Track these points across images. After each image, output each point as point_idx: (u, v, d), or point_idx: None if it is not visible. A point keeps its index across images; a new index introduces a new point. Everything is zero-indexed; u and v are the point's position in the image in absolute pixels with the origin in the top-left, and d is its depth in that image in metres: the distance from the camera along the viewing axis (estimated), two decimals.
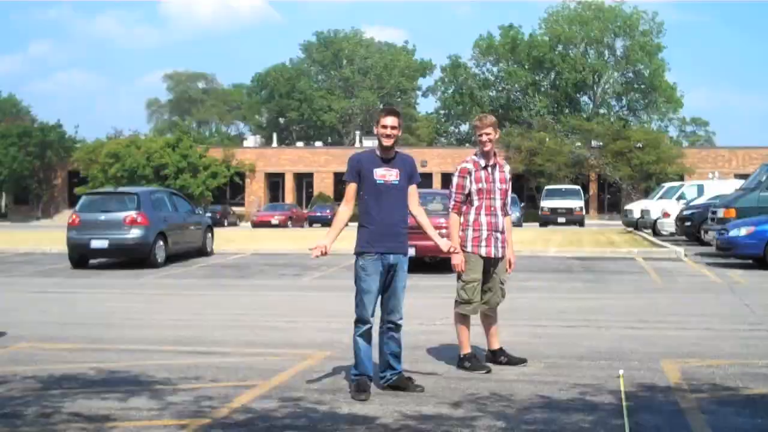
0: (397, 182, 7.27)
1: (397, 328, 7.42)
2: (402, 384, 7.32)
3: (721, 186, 33.01)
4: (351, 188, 7.38)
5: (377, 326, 7.40)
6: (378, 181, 7.22)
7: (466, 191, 8.12)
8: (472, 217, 8.14)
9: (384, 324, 7.40)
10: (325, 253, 7.25)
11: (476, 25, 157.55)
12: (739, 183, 30.05)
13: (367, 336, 7.27)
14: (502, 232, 8.26)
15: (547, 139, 65.03)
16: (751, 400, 6.93)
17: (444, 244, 7.54)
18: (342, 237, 7.55)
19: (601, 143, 64.99)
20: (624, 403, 6.58)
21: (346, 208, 7.43)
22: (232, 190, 68.95)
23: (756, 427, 6.12)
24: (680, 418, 6.39)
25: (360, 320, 7.26)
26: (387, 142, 7.25)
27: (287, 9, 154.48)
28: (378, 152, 7.34)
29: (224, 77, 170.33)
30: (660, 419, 6.35)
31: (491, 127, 8.14)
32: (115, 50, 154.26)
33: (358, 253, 7.29)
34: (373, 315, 7.26)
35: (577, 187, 53.82)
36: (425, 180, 64.01)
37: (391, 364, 7.39)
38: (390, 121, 7.26)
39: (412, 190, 7.44)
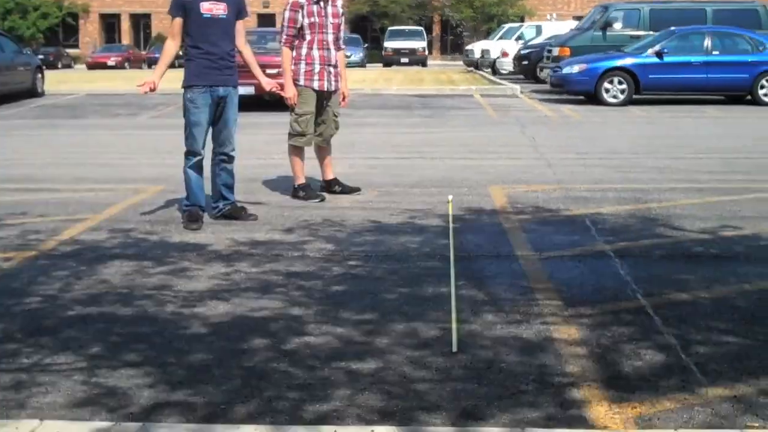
0: (224, 16, 7.13)
1: (230, 159, 7.38)
2: (235, 213, 7.35)
3: (558, 27, 33.62)
4: (177, 23, 7.18)
5: (210, 160, 7.36)
6: (204, 15, 7.06)
7: (298, 25, 8.01)
8: (304, 51, 8.07)
9: (216, 156, 7.35)
10: (154, 89, 7.12)
11: None
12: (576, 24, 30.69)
13: (197, 167, 7.23)
14: (335, 66, 8.23)
15: None
16: (570, 220, 7.29)
17: (266, 83, 7.51)
18: (180, 77, 7.35)
19: None
20: (450, 225, 6.83)
21: (172, 44, 7.29)
22: (65, 32, 65.70)
23: (572, 243, 6.46)
24: (503, 236, 6.68)
25: (190, 152, 7.20)
26: None
27: None
28: None
29: None
30: (483, 238, 6.62)
31: None
32: None
33: (187, 87, 7.17)
34: (203, 147, 7.21)
35: (420, 28, 53.83)
36: (267, 20, 62.59)
37: (223, 194, 7.38)
38: None
39: (240, 26, 7.33)
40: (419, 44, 49.31)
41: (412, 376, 3.92)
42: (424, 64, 48.06)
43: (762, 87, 19.44)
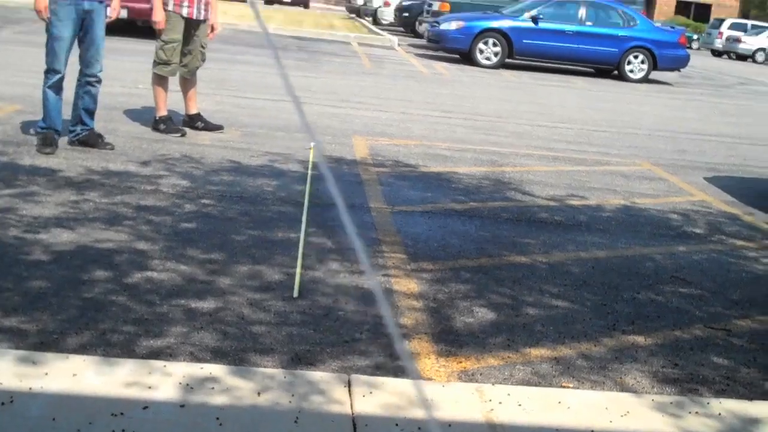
0: None
1: (97, 82, 7.18)
2: (92, 141, 7.20)
3: None
4: None
5: (72, 82, 7.14)
6: None
7: None
8: None
9: (83, 77, 7.11)
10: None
11: None
12: None
13: (57, 87, 6.97)
14: None
15: None
16: (426, 177, 7.45)
17: (113, 9, 7.18)
18: None
19: None
20: (309, 172, 6.87)
21: None
22: None
23: (423, 199, 6.61)
24: (359, 187, 6.78)
25: (51, 69, 6.92)
26: None
27: None
28: None
29: None
30: (340, 188, 6.65)
31: None
32: None
33: (39, 8, 6.80)
34: (65, 65, 6.96)
35: None
36: None
37: (83, 119, 7.20)
38: None
39: None
40: None
41: (250, 318, 3.98)
42: (306, 5, 47.62)
43: (629, 62, 20.05)
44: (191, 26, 8.03)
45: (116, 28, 18.10)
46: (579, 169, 8.46)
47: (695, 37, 50.88)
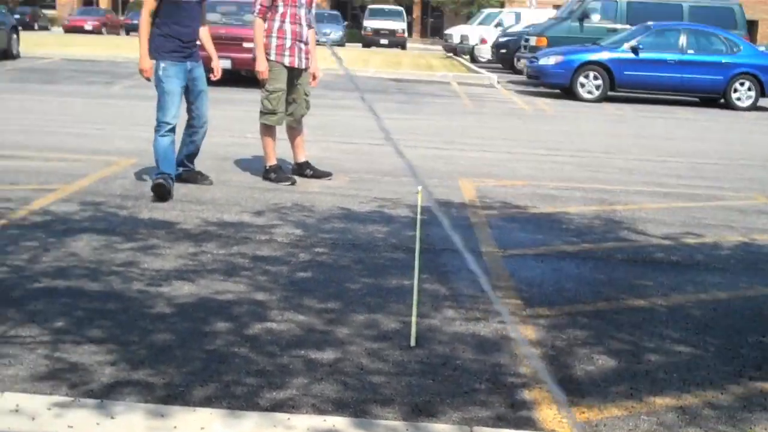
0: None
1: (203, 131, 7.76)
2: (191, 178, 7.82)
3: (537, 14, 33.67)
4: (152, 1, 7.43)
5: (180, 131, 7.59)
6: None
7: None
8: (276, 24, 8.08)
9: (189, 128, 7.75)
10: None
11: None
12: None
13: (169, 138, 7.38)
14: (307, 43, 8.25)
15: None
16: (536, 218, 7.41)
17: (216, 68, 7.89)
18: None
19: None
20: (418, 217, 6.91)
21: (148, 20, 7.48)
22: None
23: (535, 241, 6.57)
24: (469, 231, 6.77)
25: (163, 122, 7.36)
26: None
27: None
28: None
29: None
30: (450, 232, 6.71)
31: None
32: None
33: (159, 58, 7.34)
34: (175, 117, 7.37)
35: (400, 8, 53.67)
36: None
37: (185, 162, 7.81)
38: None
39: (203, 8, 7.68)
40: (399, 25, 49.11)
41: (369, 368, 4.01)
42: (403, 46, 47.95)
43: (735, 90, 19.61)
44: (294, 75, 8.20)
45: (221, 79, 18.62)
46: (692, 205, 8.29)
47: None
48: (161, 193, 7.13)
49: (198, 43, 7.65)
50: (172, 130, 7.38)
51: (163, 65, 7.34)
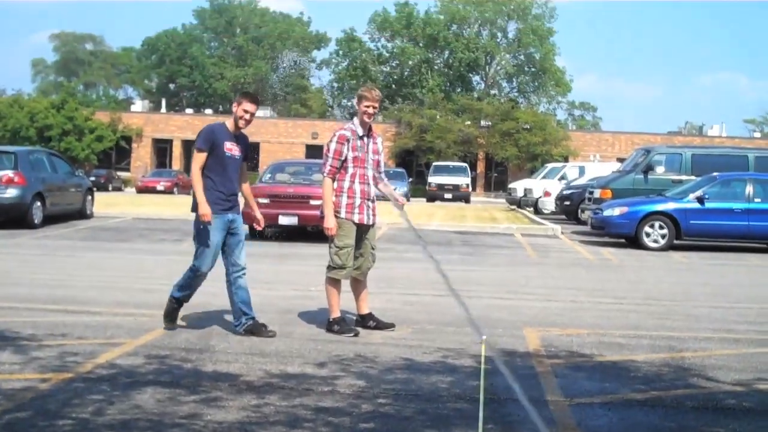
0: (239, 156, 8.16)
1: (244, 274, 8.20)
2: (256, 330, 8.04)
3: (601, 168, 33.91)
4: (203, 156, 8.00)
5: (224, 282, 8.24)
6: (227, 154, 8.02)
7: (343, 158, 8.27)
8: (346, 184, 8.30)
9: (232, 275, 8.16)
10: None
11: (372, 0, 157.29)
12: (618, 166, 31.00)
13: (198, 283, 8.24)
14: (374, 201, 8.47)
15: (438, 117, 65.69)
16: (603, 366, 7.28)
17: (259, 220, 8.76)
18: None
19: (490, 123, 66.06)
20: (482, 367, 6.81)
21: (199, 172, 8.01)
22: (118, 154, 67.66)
23: (603, 390, 6.44)
24: (534, 380, 6.67)
25: (199, 272, 8.11)
26: (242, 125, 8.11)
27: None
28: (229, 127, 8.12)
29: (113, 40, 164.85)
30: (515, 381, 6.59)
31: (378, 101, 8.42)
32: None
33: (204, 213, 7.84)
34: (210, 268, 8.12)
35: (465, 164, 54.61)
36: (316, 151, 63.81)
37: (244, 311, 8.10)
38: (251, 108, 8.08)
39: (244, 165, 8.38)
40: (463, 180, 49.88)
41: None
42: (467, 200, 48.52)
43: None
44: (362, 230, 8.35)
45: (287, 234, 18.99)
46: (764, 350, 8.08)
47: None
48: (171, 317, 8.21)
49: (238, 196, 8.29)
50: (203, 278, 8.16)
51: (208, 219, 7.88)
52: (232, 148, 8.06)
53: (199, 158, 7.99)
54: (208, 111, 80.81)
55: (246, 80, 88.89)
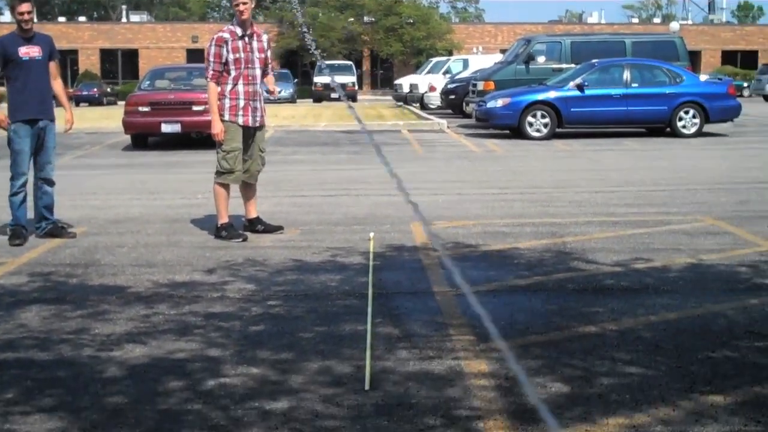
0: (40, 57, 8.23)
1: (49, 183, 8.40)
2: (56, 232, 8.35)
3: (484, 60, 34.13)
4: None
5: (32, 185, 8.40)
6: (24, 58, 8.14)
7: (223, 60, 8.12)
8: (229, 86, 8.18)
9: (38, 181, 8.38)
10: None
11: None
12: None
13: (23, 191, 8.27)
14: (261, 101, 8.36)
15: (320, 14, 64.79)
16: (487, 255, 7.46)
17: (67, 120, 8.67)
18: (109, 115, 7.51)
19: (373, 19, 65.51)
20: (371, 263, 6.94)
21: None
22: None
23: (487, 278, 6.61)
24: (421, 273, 6.81)
25: (15, 176, 8.22)
26: (26, 27, 8.14)
27: None
28: (19, 34, 8.20)
29: None
30: (402, 275, 6.75)
31: None
32: None
33: (12, 122, 8.13)
34: (27, 171, 8.25)
35: (350, 62, 54.31)
36: (197, 55, 62.41)
37: (45, 215, 8.38)
38: (25, 7, 8.06)
39: (53, 65, 8.45)
40: (349, 79, 49.65)
41: (323, 414, 4.00)
42: (354, 99, 48.34)
43: (680, 119, 19.96)
44: (248, 133, 8.27)
45: (170, 142, 18.67)
46: (641, 231, 8.40)
47: (745, 84, 50.56)
48: (15, 237, 8.11)
49: (51, 101, 8.42)
50: (25, 182, 8.27)
51: (14, 128, 8.13)
52: (28, 51, 8.14)
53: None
54: (82, 18, 77.76)
55: None
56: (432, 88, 33.27)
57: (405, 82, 38.74)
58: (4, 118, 8.18)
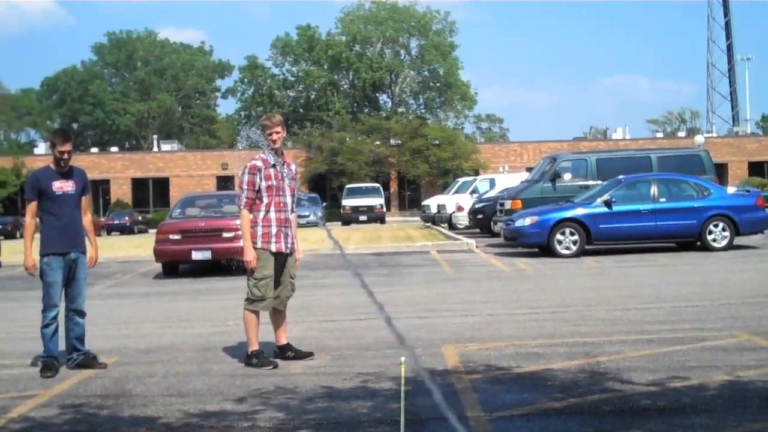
0: (73, 191, 8.45)
1: (80, 314, 8.54)
2: (87, 363, 8.39)
3: (511, 179, 34.36)
4: (33, 204, 8.44)
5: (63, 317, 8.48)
6: (57, 192, 8.36)
7: (257, 188, 8.25)
8: (261, 214, 8.28)
9: (69, 312, 8.49)
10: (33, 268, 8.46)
11: (273, 25, 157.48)
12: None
13: (54, 323, 8.35)
14: (291, 228, 8.44)
15: (348, 139, 65.90)
16: (521, 377, 7.36)
17: (90, 258, 8.75)
18: (140, 244, 7.59)
19: (399, 141, 66.52)
20: (402, 388, 6.83)
21: (32, 221, 8.57)
22: (23, 200, 66.05)
23: (522, 401, 6.51)
24: (454, 397, 6.72)
25: (47, 307, 8.33)
26: (64, 165, 8.41)
27: (77, 9, 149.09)
28: (54, 168, 8.43)
29: (11, 82, 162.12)
30: (435, 400, 6.65)
31: (280, 126, 8.39)
32: None
33: (44, 254, 8.33)
34: (58, 305, 8.36)
35: (377, 185, 54.85)
36: (226, 182, 63.47)
37: (76, 346, 8.47)
38: (65, 147, 8.36)
39: (85, 200, 8.65)
40: (377, 201, 50.08)
41: None
42: (382, 220, 48.71)
43: (710, 232, 19.87)
44: (280, 260, 8.32)
45: (200, 269, 18.79)
46: (676, 348, 8.28)
47: None
48: (47, 371, 8.11)
49: (82, 232, 8.57)
50: (57, 314, 8.34)
51: (46, 260, 8.31)
52: (62, 186, 8.36)
53: (29, 208, 8.46)
54: (114, 149, 79.42)
55: (150, 114, 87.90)
56: (459, 208, 33.45)
57: (432, 203, 39.02)
58: (31, 265, 8.43)
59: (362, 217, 48.45)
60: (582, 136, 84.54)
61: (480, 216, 29.39)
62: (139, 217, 55.52)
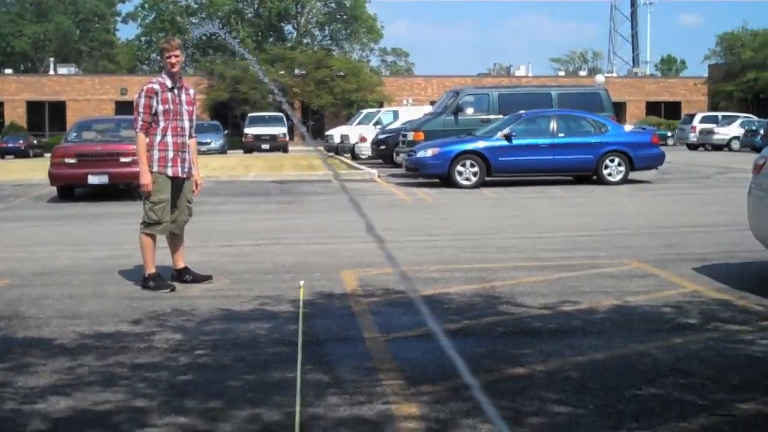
0: None
1: None
2: None
3: (414, 112, 34.48)
4: None
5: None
6: None
7: (153, 111, 8.10)
8: (158, 138, 8.15)
9: None
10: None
11: None
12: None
13: None
14: (189, 153, 8.34)
15: (251, 67, 64.89)
16: (417, 301, 7.44)
17: None
18: (35, 167, 7.36)
19: (304, 72, 65.87)
20: (301, 310, 6.91)
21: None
22: None
23: (418, 323, 6.60)
24: (351, 320, 6.80)
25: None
26: None
27: None
28: None
29: None
30: (332, 322, 6.73)
31: (179, 49, 8.25)
32: None
33: None
34: None
35: (281, 114, 54.29)
36: (126, 107, 61.93)
37: None
38: None
39: None
40: (280, 130, 49.62)
41: None
42: (285, 150, 48.35)
43: (606, 167, 20.39)
44: (177, 184, 8.22)
45: (97, 194, 18.45)
46: (568, 275, 8.51)
47: (669, 134, 51.93)
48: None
49: None
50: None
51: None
52: None
53: None
54: (9, 71, 76.68)
55: (47, 36, 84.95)
56: (363, 139, 33.48)
57: (336, 133, 38.96)
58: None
59: (264, 146, 48.00)
60: (486, 72, 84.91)
61: (383, 147, 29.47)
62: (34, 141, 53.78)
